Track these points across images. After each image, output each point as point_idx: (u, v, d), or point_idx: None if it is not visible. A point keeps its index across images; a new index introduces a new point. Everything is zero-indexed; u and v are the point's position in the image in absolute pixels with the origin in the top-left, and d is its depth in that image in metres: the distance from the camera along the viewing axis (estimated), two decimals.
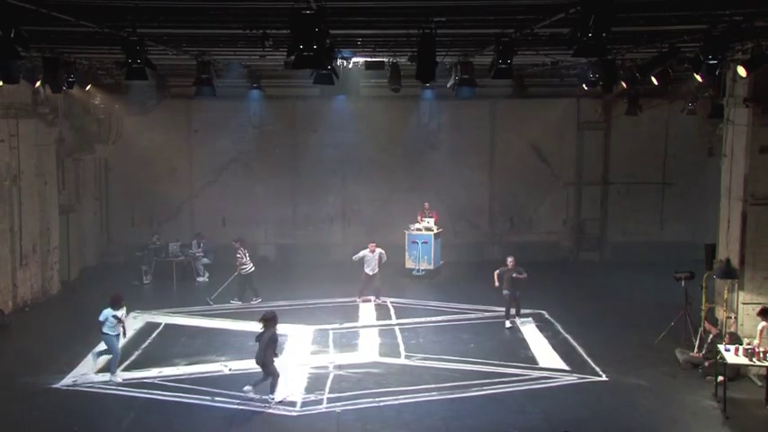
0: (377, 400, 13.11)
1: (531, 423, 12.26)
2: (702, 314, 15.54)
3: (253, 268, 19.57)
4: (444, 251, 23.08)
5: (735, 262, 14.92)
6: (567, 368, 14.78)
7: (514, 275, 17.46)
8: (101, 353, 14.31)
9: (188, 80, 16.44)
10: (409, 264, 22.48)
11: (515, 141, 24.91)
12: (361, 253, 19.64)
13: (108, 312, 13.88)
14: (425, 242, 22.36)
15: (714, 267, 15.58)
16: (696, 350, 14.90)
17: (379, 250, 19.63)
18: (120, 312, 13.98)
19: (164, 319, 18.22)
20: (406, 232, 22.59)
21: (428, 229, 22.45)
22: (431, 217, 22.63)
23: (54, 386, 13.71)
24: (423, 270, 22.39)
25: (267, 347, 12.97)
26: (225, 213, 24.66)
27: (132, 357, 15.37)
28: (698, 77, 12.91)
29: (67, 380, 14.03)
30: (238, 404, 12.90)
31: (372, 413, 12.59)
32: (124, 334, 14.41)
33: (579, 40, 8.80)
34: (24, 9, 9.18)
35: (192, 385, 13.73)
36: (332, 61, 11.47)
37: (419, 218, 22.64)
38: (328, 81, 12.64)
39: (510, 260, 17.74)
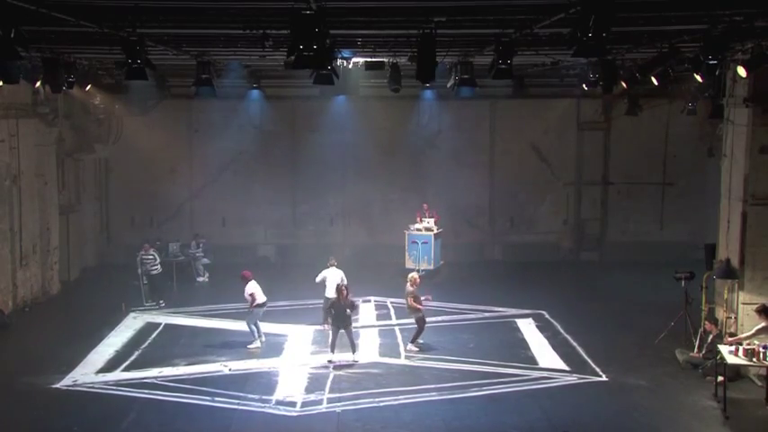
0: (377, 400, 13.10)
1: (531, 423, 12.24)
2: (702, 314, 15.53)
3: (159, 270, 19.70)
4: (444, 251, 23.07)
5: (735, 262, 14.92)
6: (566, 368, 14.77)
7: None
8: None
9: (188, 80, 16.44)
10: (409, 264, 22.44)
11: (515, 141, 24.90)
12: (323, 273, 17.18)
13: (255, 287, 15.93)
14: (425, 242, 22.35)
15: (714, 267, 15.58)
16: (696, 350, 14.89)
17: (336, 271, 17.06)
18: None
19: (164, 319, 18.22)
20: (406, 232, 22.59)
21: (428, 229, 22.44)
22: (430, 218, 22.63)
23: (54, 386, 13.70)
24: (422, 270, 22.33)
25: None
26: (225, 213, 24.68)
27: (132, 357, 15.38)
28: (698, 77, 12.91)
29: (67, 380, 14.01)
30: (238, 404, 12.89)
31: (372, 413, 12.58)
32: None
33: (579, 40, 8.82)
34: (24, 9, 9.17)
35: (192, 385, 13.72)
36: (332, 61, 11.48)
37: (419, 218, 22.65)
38: (328, 81, 12.64)
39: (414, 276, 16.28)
